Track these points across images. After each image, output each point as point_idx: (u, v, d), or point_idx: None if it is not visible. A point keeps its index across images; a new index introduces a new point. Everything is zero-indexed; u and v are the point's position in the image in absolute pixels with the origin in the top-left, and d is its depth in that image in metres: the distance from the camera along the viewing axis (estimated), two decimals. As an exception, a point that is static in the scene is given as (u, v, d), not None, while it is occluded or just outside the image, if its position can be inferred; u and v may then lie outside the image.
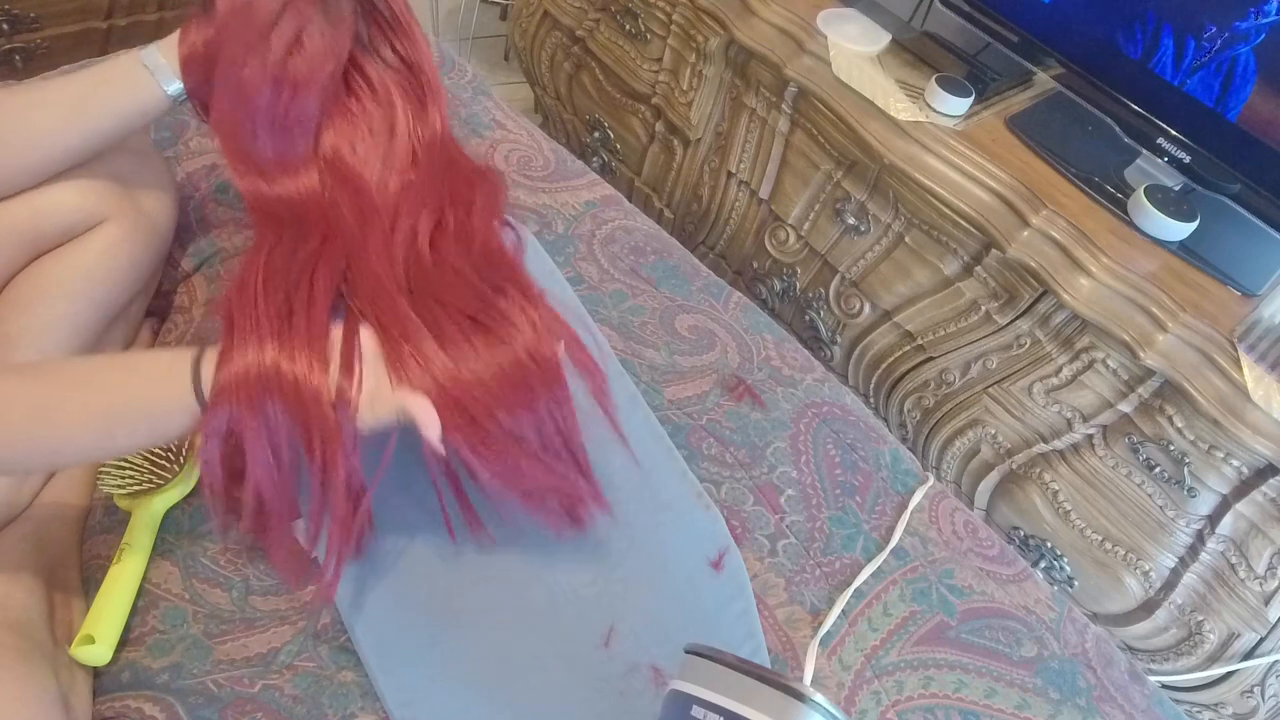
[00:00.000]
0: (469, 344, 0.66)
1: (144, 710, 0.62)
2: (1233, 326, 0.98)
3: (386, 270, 0.73)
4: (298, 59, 0.77)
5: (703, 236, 1.57)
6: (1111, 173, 1.14)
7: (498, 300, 0.71)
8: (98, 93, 0.73)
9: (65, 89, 0.72)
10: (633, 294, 1.01)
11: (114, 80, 0.73)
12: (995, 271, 1.12)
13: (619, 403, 0.87)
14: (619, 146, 1.65)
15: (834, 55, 1.23)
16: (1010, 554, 0.89)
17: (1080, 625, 0.85)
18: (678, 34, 1.41)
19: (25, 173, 0.72)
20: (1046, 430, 1.15)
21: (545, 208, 1.07)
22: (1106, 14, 1.11)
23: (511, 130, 1.17)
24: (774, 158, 1.36)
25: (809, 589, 0.79)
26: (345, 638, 0.69)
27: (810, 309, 1.41)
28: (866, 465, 0.91)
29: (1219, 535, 1.03)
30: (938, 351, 1.23)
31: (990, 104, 1.22)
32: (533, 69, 1.77)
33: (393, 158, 0.84)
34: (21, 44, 1.47)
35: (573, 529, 0.74)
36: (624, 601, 0.74)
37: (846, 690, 0.74)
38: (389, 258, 0.74)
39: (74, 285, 0.76)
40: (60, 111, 0.72)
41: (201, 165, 1.00)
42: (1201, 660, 1.10)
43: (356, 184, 0.81)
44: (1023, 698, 0.77)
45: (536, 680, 0.69)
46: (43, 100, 0.72)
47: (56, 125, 0.72)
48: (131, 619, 0.67)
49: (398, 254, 0.75)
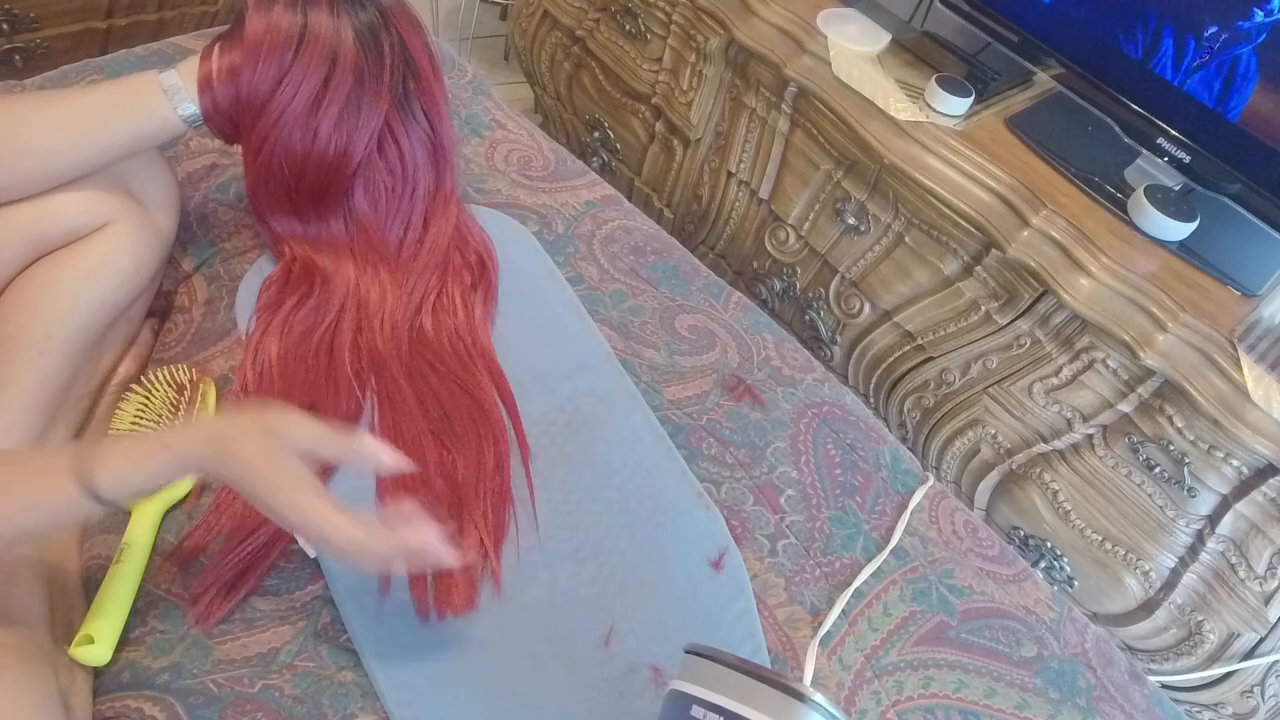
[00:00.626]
0: (448, 433, 0.77)
1: (144, 710, 0.62)
2: (1233, 326, 0.98)
3: (391, 347, 0.81)
4: (341, 129, 0.79)
5: (703, 236, 1.57)
6: (1111, 173, 1.14)
7: (472, 389, 0.81)
8: (112, 112, 0.72)
9: (81, 105, 0.72)
10: (633, 294, 1.01)
11: (129, 100, 0.73)
12: (995, 271, 1.12)
13: (619, 403, 0.87)
14: (619, 146, 1.65)
15: (834, 55, 1.23)
16: (1010, 554, 0.89)
17: (1080, 625, 0.85)
18: (678, 34, 1.41)
19: (34, 184, 0.72)
20: (1046, 430, 1.15)
21: (545, 208, 1.07)
22: (1107, 14, 1.11)
23: (511, 130, 1.17)
24: (774, 158, 1.36)
25: (809, 589, 0.79)
26: (345, 638, 0.69)
27: (810, 309, 1.41)
28: (866, 465, 0.91)
29: (1219, 535, 1.03)
30: (938, 351, 1.23)
31: (990, 104, 1.22)
32: (533, 69, 1.77)
33: (411, 219, 0.88)
34: (21, 44, 1.46)
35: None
36: (624, 601, 0.74)
37: (846, 690, 0.74)
38: (394, 332, 0.83)
39: (77, 286, 0.76)
40: (74, 128, 0.71)
41: (201, 165, 1.00)
42: (1201, 660, 1.10)
43: (378, 245, 0.86)
44: (1023, 698, 0.77)
45: (536, 680, 0.69)
46: (57, 115, 0.72)
47: (69, 142, 0.72)
48: (131, 619, 0.67)
49: (403, 328, 0.83)
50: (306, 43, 0.75)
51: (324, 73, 0.76)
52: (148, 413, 0.77)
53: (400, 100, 0.83)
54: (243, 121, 0.78)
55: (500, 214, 1.02)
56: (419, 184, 0.87)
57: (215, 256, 0.94)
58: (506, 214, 1.03)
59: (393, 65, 0.80)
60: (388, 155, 0.84)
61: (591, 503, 0.79)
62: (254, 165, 0.80)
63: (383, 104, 0.80)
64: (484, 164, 1.11)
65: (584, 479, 0.80)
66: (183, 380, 0.80)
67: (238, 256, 0.94)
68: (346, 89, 0.78)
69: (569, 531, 0.77)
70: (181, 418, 0.76)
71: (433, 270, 0.88)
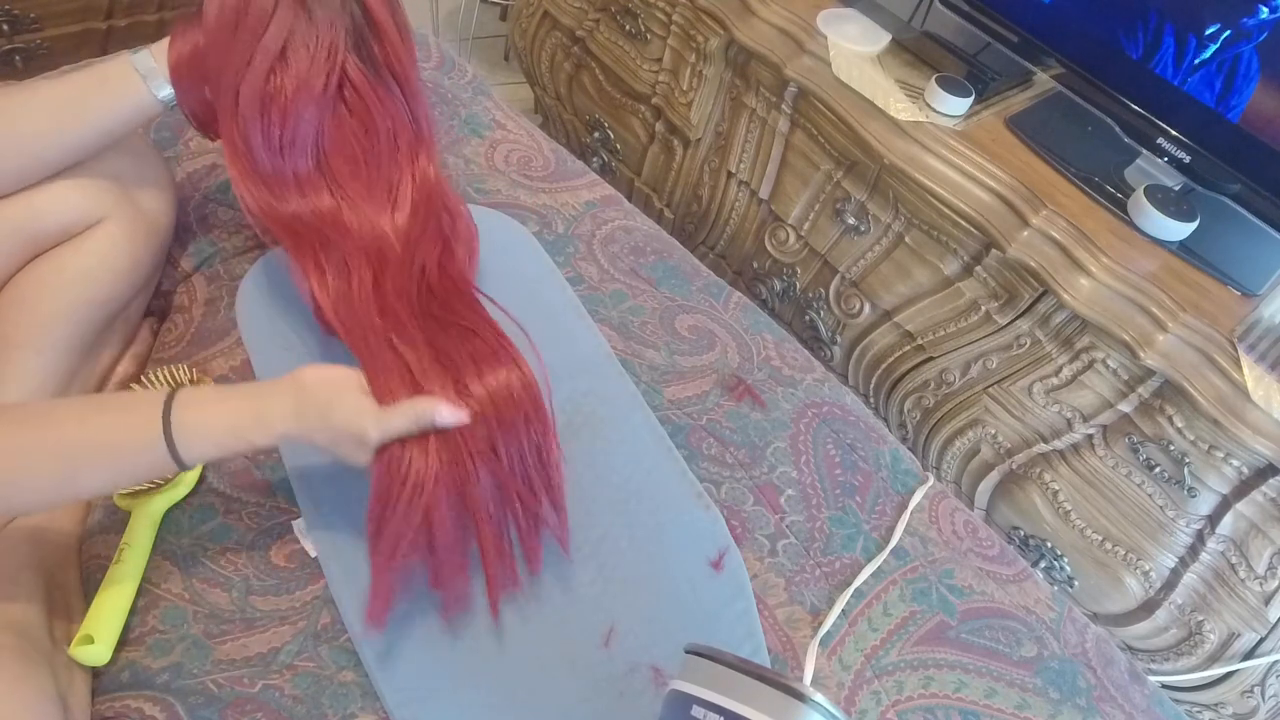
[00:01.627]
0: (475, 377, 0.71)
1: (144, 710, 0.62)
2: (1233, 326, 0.98)
3: (405, 304, 0.77)
4: (282, 76, 0.76)
5: (703, 236, 1.57)
6: (1111, 173, 1.14)
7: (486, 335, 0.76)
8: (89, 96, 0.72)
9: (57, 91, 0.72)
10: (633, 294, 1.01)
11: (105, 83, 0.73)
12: (995, 271, 1.12)
13: (619, 403, 0.87)
14: (619, 146, 1.65)
15: (834, 55, 1.23)
16: (1010, 554, 0.89)
17: (1080, 625, 0.85)
18: (678, 34, 1.41)
19: (17, 174, 0.72)
20: (1046, 430, 1.15)
21: (545, 208, 1.07)
22: (1107, 13, 1.11)
23: (511, 130, 1.17)
24: (774, 158, 1.36)
25: (809, 589, 0.79)
26: (345, 638, 0.69)
27: (810, 309, 1.41)
28: (866, 465, 0.91)
29: (1219, 535, 1.03)
30: (938, 351, 1.23)
31: (990, 104, 1.22)
32: (533, 69, 1.77)
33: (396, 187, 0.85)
34: (21, 44, 1.46)
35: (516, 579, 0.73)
36: (624, 601, 0.74)
37: (846, 690, 0.74)
38: (405, 290, 0.78)
39: (73, 285, 0.76)
40: (51, 114, 0.71)
41: (201, 165, 1.00)
42: (1201, 660, 1.10)
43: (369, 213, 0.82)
44: (1023, 698, 0.77)
45: (536, 680, 0.69)
46: (33, 102, 0.71)
47: (47, 127, 0.71)
48: (131, 619, 0.67)
49: (411, 286, 0.79)
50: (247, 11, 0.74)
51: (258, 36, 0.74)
52: None
53: (362, 57, 0.81)
54: (213, 98, 0.76)
55: (500, 214, 1.02)
56: (397, 137, 0.84)
57: (215, 256, 0.94)
58: (506, 214, 1.03)
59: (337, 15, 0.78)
60: (357, 113, 0.82)
61: (591, 503, 0.79)
62: (230, 140, 0.77)
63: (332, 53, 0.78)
64: (484, 164, 1.11)
65: (584, 479, 0.80)
66: (183, 380, 0.79)
67: (238, 256, 0.94)
68: (280, 42, 0.75)
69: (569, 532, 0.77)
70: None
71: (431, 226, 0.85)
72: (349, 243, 0.79)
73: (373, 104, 0.82)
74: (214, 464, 0.77)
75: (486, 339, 0.75)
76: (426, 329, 0.75)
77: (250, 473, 0.77)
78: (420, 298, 0.79)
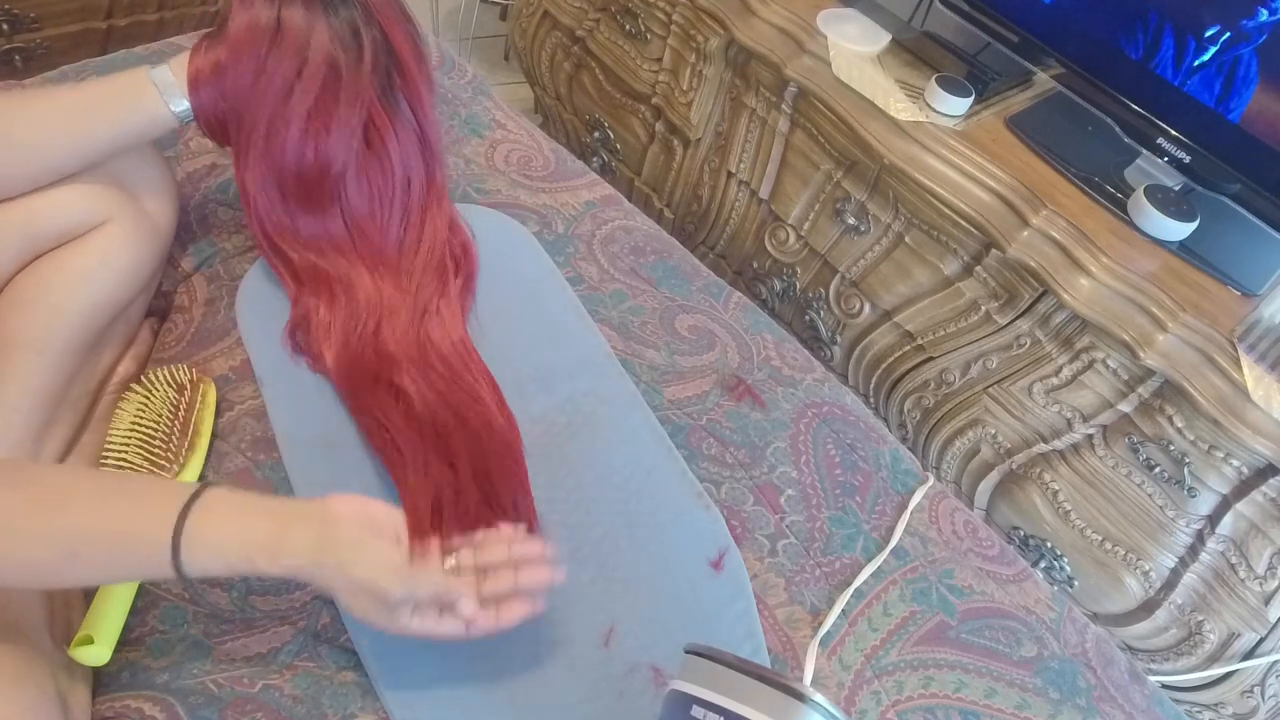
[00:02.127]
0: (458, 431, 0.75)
1: (144, 710, 0.62)
2: (1233, 326, 0.98)
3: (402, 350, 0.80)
4: (319, 122, 0.78)
5: (703, 236, 1.57)
6: (1111, 173, 1.14)
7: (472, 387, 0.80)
8: (104, 106, 0.73)
9: (73, 99, 0.72)
10: (633, 294, 1.01)
11: (121, 95, 0.73)
12: (995, 271, 1.12)
13: (619, 403, 0.87)
14: (619, 146, 1.65)
15: (834, 55, 1.23)
16: (1010, 554, 0.89)
17: (1080, 625, 0.85)
18: (678, 34, 1.41)
19: (27, 180, 0.72)
20: (1046, 430, 1.15)
21: (545, 208, 1.07)
22: (1107, 14, 1.11)
23: (511, 130, 1.17)
24: (774, 158, 1.36)
25: (809, 589, 0.79)
26: (345, 638, 0.69)
27: (810, 309, 1.41)
28: (866, 465, 0.91)
29: (1219, 535, 1.03)
30: (938, 351, 1.23)
31: (990, 104, 1.22)
32: (533, 69, 1.77)
33: (409, 216, 0.88)
34: (21, 44, 1.46)
35: None
36: (624, 601, 0.74)
37: (846, 690, 0.74)
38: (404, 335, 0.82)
39: (74, 286, 0.76)
40: (66, 123, 0.72)
41: (201, 165, 1.00)
42: (1201, 660, 1.10)
43: (378, 244, 0.86)
44: (1023, 698, 0.77)
45: (536, 680, 0.69)
46: (49, 110, 0.72)
47: (62, 136, 0.72)
48: (131, 619, 0.67)
49: (412, 331, 0.83)
50: (280, 37, 0.75)
51: (296, 66, 0.76)
52: (148, 413, 0.77)
53: (385, 93, 0.82)
54: (229, 119, 0.78)
55: (500, 214, 1.02)
56: (411, 179, 0.86)
57: (215, 256, 0.94)
58: (506, 214, 1.03)
59: (374, 59, 0.79)
60: (376, 151, 0.83)
61: (591, 503, 0.79)
62: (244, 164, 0.80)
63: (364, 98, 0.79)
64: (484, 164, 1.11)
65: (584, 479, 0.80)
66: (183, 380, 0.80)
67: (238, 256, 0.94)
68: (319, 81, 0.76)
69: (569, 531, 0.77)
70: (180, 419, 0.76)
71: (432, 270, 0.87)
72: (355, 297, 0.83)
73: (392, 148, 0.84)
74: (214, 464, 0.77)
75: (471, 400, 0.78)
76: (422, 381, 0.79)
77: (251, 473, 0.77)
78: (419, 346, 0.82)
